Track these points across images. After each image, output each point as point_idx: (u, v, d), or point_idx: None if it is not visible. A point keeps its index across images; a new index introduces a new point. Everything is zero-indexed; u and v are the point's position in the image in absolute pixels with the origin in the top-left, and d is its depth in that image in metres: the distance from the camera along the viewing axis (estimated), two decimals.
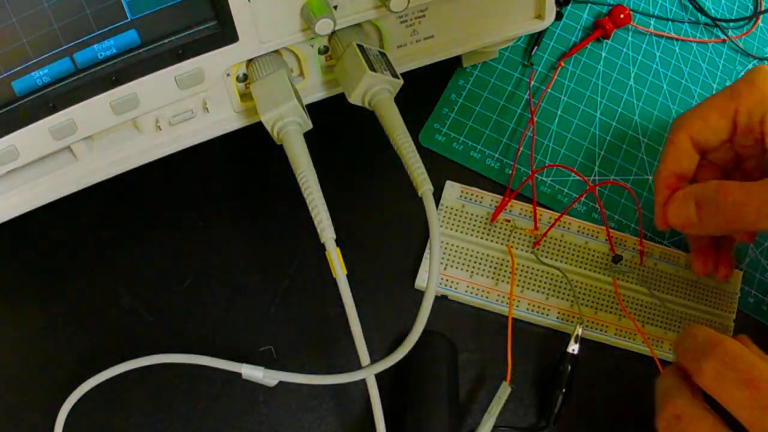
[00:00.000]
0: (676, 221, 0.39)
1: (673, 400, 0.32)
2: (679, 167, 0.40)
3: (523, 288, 0.43)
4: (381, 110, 0.37)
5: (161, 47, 0.35)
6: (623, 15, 0.52)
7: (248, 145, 0.47)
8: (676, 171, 0.40)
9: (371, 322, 0.43)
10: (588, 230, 0.45)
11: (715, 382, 0.31)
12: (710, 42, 0.55)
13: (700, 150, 0.40)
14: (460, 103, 0.49)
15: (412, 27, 0.42)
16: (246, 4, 0.35)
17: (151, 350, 0.38)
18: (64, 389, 0.38)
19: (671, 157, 0.40)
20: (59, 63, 0.33)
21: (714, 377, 0.31)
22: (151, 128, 0.39)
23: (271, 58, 0.39)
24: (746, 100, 0.37)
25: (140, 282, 0.44)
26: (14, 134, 0.34)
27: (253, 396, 0.41)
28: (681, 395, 0.32)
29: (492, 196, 0.46)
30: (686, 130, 0.39)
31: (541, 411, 0.41)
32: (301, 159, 0.36)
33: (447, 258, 0.44)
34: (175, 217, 0.45)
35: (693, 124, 0.39)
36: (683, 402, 0.32)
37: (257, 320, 0.43)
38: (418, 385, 0.40)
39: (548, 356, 0.42)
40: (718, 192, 0.36)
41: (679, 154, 0.40)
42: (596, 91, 0.51)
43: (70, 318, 0.43)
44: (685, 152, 0.40)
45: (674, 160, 0.40)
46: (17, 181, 0.39)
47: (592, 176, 0.48)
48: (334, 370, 0.42)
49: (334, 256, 0.34)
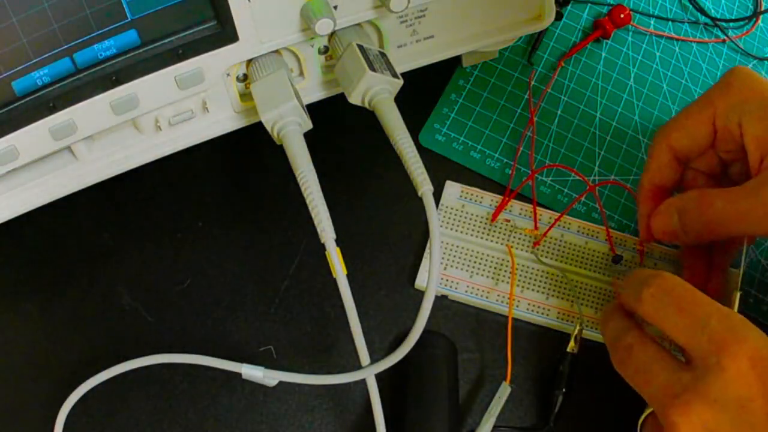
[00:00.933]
0: (661, 234, 0.39)
1: (623, 335, 0.35)
2: (660, 179, 0.40)
3: (523, 288, 0.43)
4: (381, 110, 0.37)
5: (161, 47, 0.35)
6: (623, 15, 0.52)
7: (248, 145, 0.47)
8: (657, 183, 0.40)
9: (371, 322, 0.43)
10: (588, 230, 0.45)
11: (654, 308, 0.33)
12: (710, 42, 0.55)
13: (682, 160, 0.40)
14: (460, 103, 0.49)
15: (412, 27, 0.42)
16: (246, 4, 0.35)
17: (151, 350, 0.38)
18: (64, 389, 0.38)
19: (652, 170, 0.40)
20: (59, 63, 0.33)
21: (653, 304, 0.33)
22: (151, 128, 0.39)
23: (271, 58, 0.39)
24: (722, 104, 0.37)
25: (140, 282, 0.44)
26: (14, 134, 0.34)
27: (253, 396, 0.41)
28: (630, 330, 0.35)
29: (492, 196, 0.46)
30: (666, 141, 0.39)
31: (541, 411, 0.41)
32: (301, 159, 0.36)
33: (447, 258, 0.44)
34: (175, 217, 0.45)
35: (672, 135, 0.39)
36: (633, 333, 0.35)
37: (257, 320, 0.43)
38: (418, 385, 0.40)
39: (548, 356, 0.42)
40: (700, 201, 0.37)
41: (660, 166, 0.40)
42: (596, 91, 0.51)
43: (70, 318, 0.43)
44: (666, 164, 0.40)
45: (656, 172, 0.40)
46: (17, 181, 0.39)
47: (592, 176, 0.48)
48: (334, 370, 0.42)
49: (334, 256, 0.34)
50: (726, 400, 0.30)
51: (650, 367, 0.33)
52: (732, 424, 0.30)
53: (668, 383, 0.32)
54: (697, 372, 0.31)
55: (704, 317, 0.32)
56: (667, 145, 0.39)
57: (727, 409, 0.30)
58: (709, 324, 0.31)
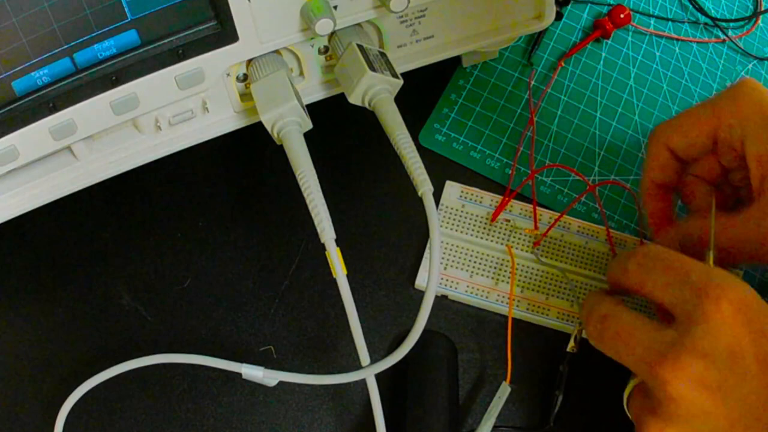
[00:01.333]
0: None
1: (597, 306, 0.35)
2: (661, 178, 0.40)
3: (523, 288, 0.43)
4: (381, 110, 0.37)
5: (161, 47, 0.35)
6: (623, 15, 0.52)
7: (248, 145, 0.47)
8: (659, 182, 0.40)
9: (371, 322, 0.43)
10: (588, 230, 0.45)
11: (639, 275, 0.34)
12: (710, 42, 0.55)
13: (681, 160, 0.39)
14: (460, 103, 0.49)
15: (412, 27, 0.42)
16: (246, 4, 0.35)
17: (151, 350, 0.38)
18: (64, 389, 0.38)
19: (653, 169, 0.40)
20: (59, 63, 0.33)
21: (638, 271, 0.34)
22: (151, 128, 0.39)
23: (271, 58, 0.39)
24: (727, 118, 0.36)
25: (140, 282, 0.44)
26: (14, 134, 0.34)
27: (253, 396, 0.41)
28: (604, 301, 0.35)
29: (492, 196, 0.46)
30: (665, 141, 0.39)
31: (541, 411, 0.41)
32: (301, 159, 0.36)
33: (447, 258, 0.44)
34: (176, 217, 0.45)
35: (672, 137, 0.39)
36: (607, 304, 0.35)
37: (257, 320, 0.43)
38: (418, 385, 0.40)
39: (548, 356, 0.42)
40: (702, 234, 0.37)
41: (660, 164, 0.39)
42: (596, 91, 0.51)
43: (70, 318, 0.43)
44: (666, 162, 0.39)
45: (656, 171, 0.40)
46: (17, 181, 0.39)
47: (592, 176, 0.48)
48: (334, 370, 0.42)
49: (334, 256, 0.34)
50: (716, 352, 0.30)
51: (630, 332, 0.33)
52: (724, 375, 0.30)
53: (652, 343, 0.32)
54: (682, 327, 0.31)
55: (686, 273, 0.32)
56: (665, 144, 0.39)
57: (717, 360, 0.30)
58: (690, 278, 0.32)
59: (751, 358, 0.30)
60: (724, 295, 0.31)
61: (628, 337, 0.33)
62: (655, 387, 0.31)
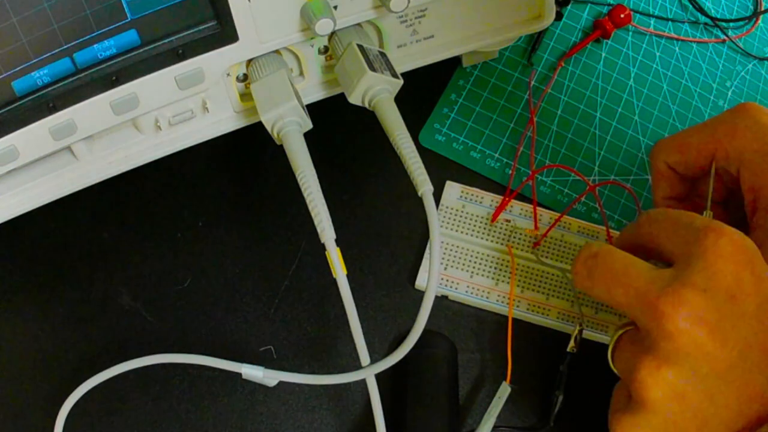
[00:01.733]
0: None
1: (587, 247, 0.35)
2: (671, 192, 0.40)
3: (523, 288, 0.43)
4: (381, 110, 0.37)
5: (161, 47, 0.35)
6: (623, 15, 0.52)
7: (248, 145, 0.47)
8: (669, 196, 0.40)
9: (371, 322, 0.43)
10: (588, 230, 0.45)
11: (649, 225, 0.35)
12: (710, 42, 0.55)
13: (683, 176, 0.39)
14: (460, 103, 0.49)
15: (412, 27, 0.42)
16: (246, 4, 0.35)
17: (151, 350, 0.38)
18: (64, 389, 0.38)
19: (660, 186, 0.40)
20: (59, 63, 0.33)
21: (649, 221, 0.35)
22: (151, 128, 0.39)
23: (271, 58, 0.39)
24: (724, 145, 0.36)
25: (140, 282, 0.44)
26: (14, 134, 0.34)
27: (253, 396, 0.41)
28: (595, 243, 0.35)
29: (492, 196, 0.46)
30: (665, 158, 0.39)
31: (541, 411, 0.41)
32: (301, 159, 0.36)
33: (447, 258, 0.44)
34: (175, 217, 0.45)
35: (671, 156, 0.39)
36: (598, 244, 0.35)
37: (257, 320, 0.43)
38: (418, 385, 0.40)
39: (548, 356, 0.42)
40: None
41: (667, 180, 0.40)
42: (596, 91, 0.51)
43: (70, 318, 0.43)
44: (671, 178, 0.39)
45: (664, 187, 0.40)
46: (17, 181, 0.39)
47: (592, 176, 0.48)
48: (334, 370, 0.42)
49: (334, 256, 0.34)
50: (715, 288, 0.30)
51: (625, 270, 0.33)
52: (723, 313, 0.30)
53: (650, 281, 0.31)
54: (682, 264, 0.31)
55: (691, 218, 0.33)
56: (664, 162, 0.39)
57: (717, 296, 0.30)
58: (694, 223, 0.32)
59: (751, 300, 0.30)
60: (725, 233, 0.31)
61: (623, 274, 0.33)
62: (651, 325, 0.31)
